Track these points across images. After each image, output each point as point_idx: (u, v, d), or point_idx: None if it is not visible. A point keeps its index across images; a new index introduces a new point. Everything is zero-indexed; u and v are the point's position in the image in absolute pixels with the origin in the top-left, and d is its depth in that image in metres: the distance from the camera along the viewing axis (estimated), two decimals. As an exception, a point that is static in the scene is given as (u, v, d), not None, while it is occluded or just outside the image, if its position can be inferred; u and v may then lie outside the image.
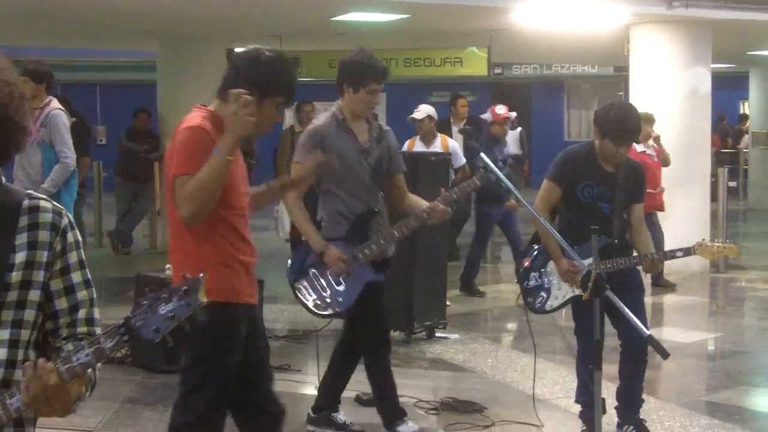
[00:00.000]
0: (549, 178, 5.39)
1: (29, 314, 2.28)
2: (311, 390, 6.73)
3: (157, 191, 13.86)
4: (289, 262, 5.29)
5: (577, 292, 5.15)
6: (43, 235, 2.29)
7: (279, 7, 11.12)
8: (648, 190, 10.39)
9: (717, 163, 15.02)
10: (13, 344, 2.26)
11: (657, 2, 11.28)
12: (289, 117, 25.05)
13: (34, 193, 2.37)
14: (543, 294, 5.47)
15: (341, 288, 5.05)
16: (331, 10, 11.57)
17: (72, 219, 2.39)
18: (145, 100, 15.85)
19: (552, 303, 5.48)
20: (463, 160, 9.61)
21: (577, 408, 5.65)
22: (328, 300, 5.10)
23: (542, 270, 5.46)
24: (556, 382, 6.82)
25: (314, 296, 5.11)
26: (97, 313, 2.38)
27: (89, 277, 2.38)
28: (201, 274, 2.02)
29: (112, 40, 16.48)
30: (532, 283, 5.49)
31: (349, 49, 5.17)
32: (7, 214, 2.28)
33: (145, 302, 2.03)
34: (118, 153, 13.73)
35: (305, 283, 5.13)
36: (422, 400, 6.27)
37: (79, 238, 2.38)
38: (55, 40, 15.87)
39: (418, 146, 10.09)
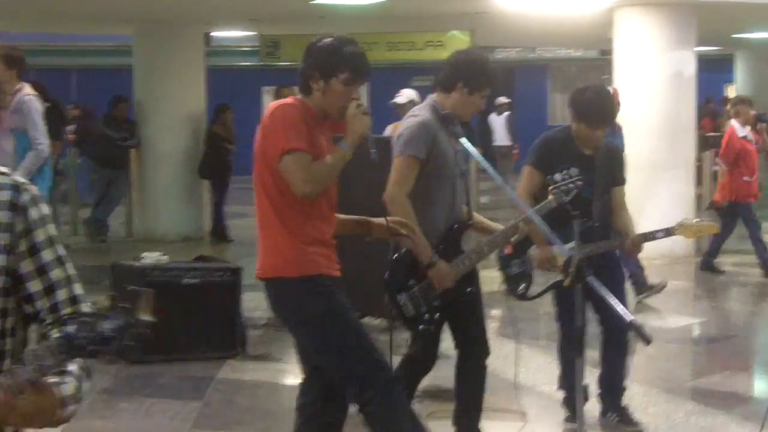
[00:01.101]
0: (529, 164, 5.41)
1: None
2: (291, 379, 6.72)
3: (133, 178, 13.82)
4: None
5: (559, 277, 5.15)
6: (1, 216, 2.13)
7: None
8: (744, 178, 10.54)
9: (703, 147, 15.08)
10: None
11: (641, -16, 11.29)
12: (269, 100, 25.04)
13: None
14: (526, 280, 5.47)
15: (437, 303, 4.72)
16: (311, -7, 11.54)
17: (37, 193, 2.22)
18: (121, 85, 15.77)
19: (535, 289, 5.48)
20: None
21: (560, 395, 5.67)
22: (426, 316, 4.71)
23: (524, 256, 5.45)
24: (540, 368, 6.83)
25: (414, 312, 4.69)
26: (79, 289, 2.24)
27: (62, 252, 2.23)
28: (146, 289, 1.95)
29: (88, 25, 16.38)
30: (514, 269, 5.47)
31: (328, 33, 4.86)
32: None
33: (88, 320, 1.93)
34: (94, 139, 13.66)
35: (406, 298, 4.69)
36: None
37: (46, 212, 2.23)
38: (30, 25, 15.76)
39: (400, 131, 10.06)
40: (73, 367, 2.07)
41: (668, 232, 5.39)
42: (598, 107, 5.29)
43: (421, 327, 4.69)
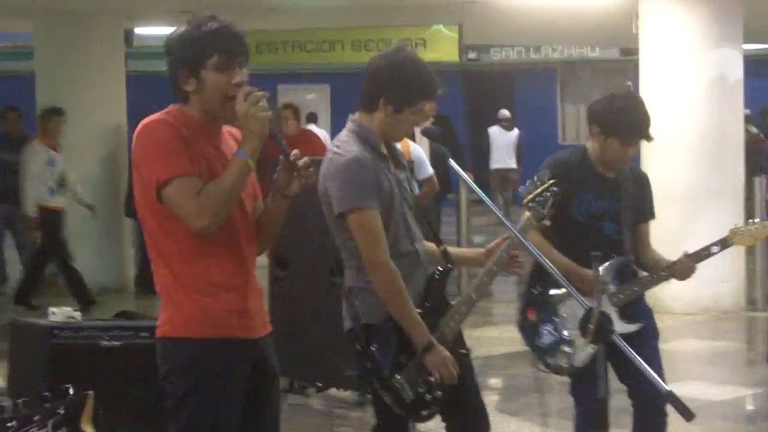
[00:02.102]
0: None
1: None
2: None
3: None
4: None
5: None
6: None
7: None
8: None
9: (754, 170, 15.20)
10: None
11: (673, -33, 11.39)
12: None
13: None
14: (566, 348, 5.38)
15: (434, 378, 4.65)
16: (259, -21, 11.59)
17: None
18: (19, 93, 15.74)
19: (581, 354, 5.33)
20: (430, 170, 9.59)
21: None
22: (427, 397, 4.67)
23: (555, 318, 5.40)
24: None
25: (413, 395, 4.63)
26: None
27: None
28: (87, 392, 1.91)
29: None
30: (546, 339, 5.43)
31: (280, 29, 4.86)
32: None
33: (12, 424, 1.92)
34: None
35: (402, 380, 4.64)
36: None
37: None
38: None
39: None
40: None
41: (724, 244, 5.48)
42: (633, 118, 5.35)
43: (424, 412, 4.67)
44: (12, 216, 13.32)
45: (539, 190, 4.83)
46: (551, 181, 4.83)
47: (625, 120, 5.32)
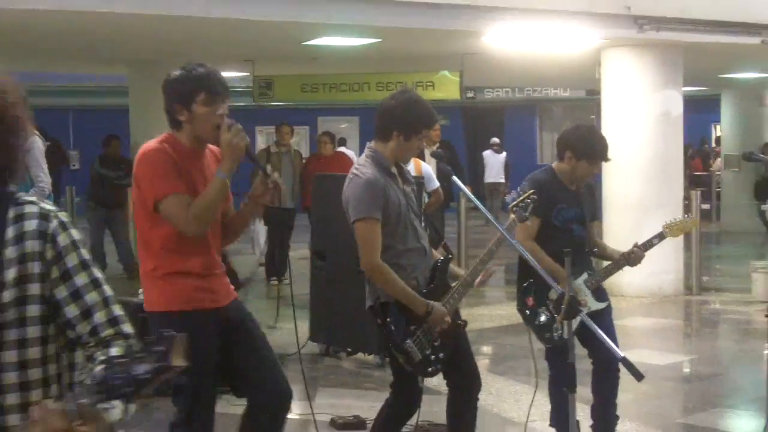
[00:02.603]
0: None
1: (33, 331, 2.20)
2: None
3: (130, 217, 13.79)
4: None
5: (586, 309, 5.13)
6: (31, 246, 2.19)
7: (252, 32, 11.14)
8: None
9: (690, 185, 15.19)
10: (22, 365, 2.19)
11: (628, 25, 11.38)
12: (261, 140, 25.10)
13: (22, 197, 2.27)
14: (556, 325, 5.35)
15: (437, 343, 4.72)
16: (303, 35, 11.60)
17: (65, 219, 2.27)
18: (118, 124, 15.80)
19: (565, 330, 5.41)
20: (437, 184, 9.62)
21: (552, 431, 5.65)
22: (432, 357, 4.72)
23: (547, 302, 5.44)
24: (530, 404, 6.81)
25: (421, 356, 4.65)
26: (118, 310, 2.30)
27: (98, 275, 2.28)
28: (177, 334, 1.96)
29: (83, 64, 16.43)
30: (543, 318, 5.42)
31: (321, 74, 4.93)
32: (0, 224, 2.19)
33: (121, 361, 1.99)
34: (90, 179, 13.65)
35: (411, 344, 4.64)
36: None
37: (76, 237, 2.27)
38: (27, 64, 15.81)
39: (392, 170, 10.12)
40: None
41: (661, 237, 5.63)
42: (599, 144, 5.45)
43: (430, 369, 4.69)
44: (110, 218, 13.45)
45: (522, 197, 4.90)
46: (530, 191, 4.91)
47: (593, 146, 5.40)
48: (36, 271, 2.19)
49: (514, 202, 4.90)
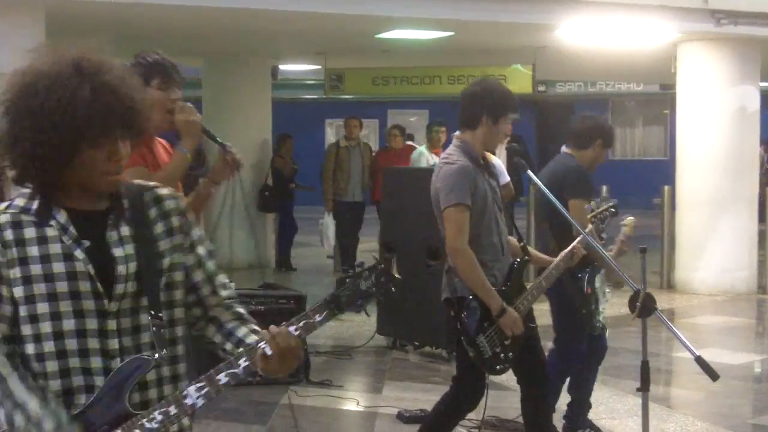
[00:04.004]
0: (580, 198, 5.40)
1: (178, 294, 2.48)
2: (352, 405, 6.73)
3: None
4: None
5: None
6: (175, 221, 2.49)
7: (324, 25, 11.18)
8: None
9: (766, 182, 14.88)
10: (170, 323, 2.45)
11: (705, 19, 11.19)
12: (331, 132, 25.20)
13: (146, 183, 2.55)
14: (600, 311, 5.58)
15: (508, 342, 4.69)
16: (376, 28, 11.61)
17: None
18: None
19: (603, 316, 5.64)
20: (507, 178, 9.54)
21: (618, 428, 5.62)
22: (502, 355, 4.72)
23: (596, 289, 5.48)
24: (600, 402, 6.75)
25: (491, 353, 4.66)
26: (225, 278, 2.58)
27: (210, 247, 2.58)
28: (392, 256, 2.21)
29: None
30: (593, 306, 5.52)
31: (391, 67, 4.91)
32: (139, 207, 2.46)
33: (347, 279, 2.36)
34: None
35: (483, 340, 4.65)
36: (464, 418, 6.24)
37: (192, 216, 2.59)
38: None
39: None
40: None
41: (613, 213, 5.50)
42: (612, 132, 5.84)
43: (498, 367, 4.68)
44: None
45: (601, 209, 4.92)
46: (610, 204, 4.93)
47: (613, 135, 5.83)
48: (180, 242, 2.49)
49: (593, 213, 4.89)
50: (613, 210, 4.93)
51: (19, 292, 2.35)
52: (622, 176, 20.69)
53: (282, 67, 17.15)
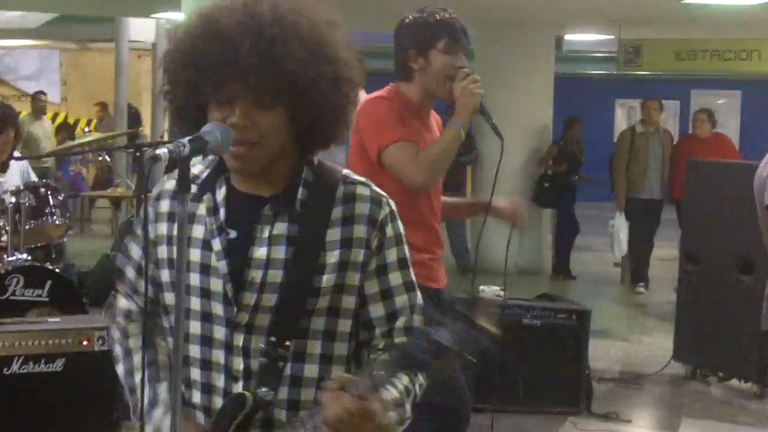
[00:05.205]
0: None
1: (343, 324, 2.29)
2: (642, 445, 6.61)
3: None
4: None
5: None
6: (359, 231, 2.27)
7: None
8: None
9: None
10: (325, 359, 2.28)
11: None
12: (621, 115, 24.79)
13: (351, 175, 2.35)
14: None
15: None
16: (684, -10, 11.33)
17: (394, 207, 2.35)
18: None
19: None
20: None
21: None
22: None
23: None
24: None
25: None
26: (417, 321, 2.35)
27: (412, 278, 2.36)
28: (482, 297, 2.07)
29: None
30: None
31: (699, 39, 4.64)
32: (321, 203, 2.27)
33: (421, 330, 2.12)
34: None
35: None
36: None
37: (401, 230, 2.36)
38: (361, 24, 16.50)
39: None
40: (400, 381, 2.24)
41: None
42: None
43: None
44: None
45: None
46: None
47: None
48: (360, 260, 2.27)
49: None
50: None
51: (161, 275, 2.34)
52: None
53: (567, 37, 17.04)
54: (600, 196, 14.79)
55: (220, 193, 2.28)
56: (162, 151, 1.98)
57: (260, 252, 2.23)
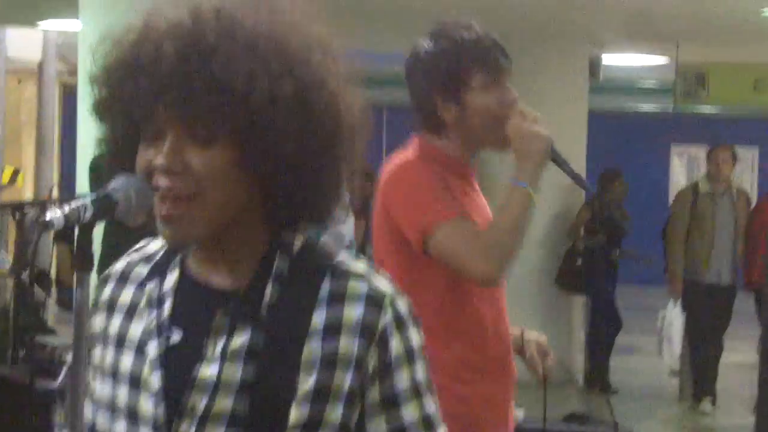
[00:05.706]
0: None
1: None
2: None
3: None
4: None
5: None
6: (347, 345, 2.16)
7: (686, 4, 11.03)
8: None
9: None
10: None
11: None
12: (679, 167, 24.83)
13: (346, 263, 2.22)
14: None
15: None
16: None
17: (405, 310, 2.22)
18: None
19: None
20: None
21: None
22: None
23: None
24: None
25: None
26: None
27: (430, 410, 2.23)
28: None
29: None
30: None
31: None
32: (298, 305, 2.18)
33: None
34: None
35: None
36: None
37: (416, 342, 2.23)
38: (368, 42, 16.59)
39: None
40: None
41: None
42: None
43: None
44: None
45: None
46: None
47: None
48: (345, 388, 2.16)
49: None
50: None
51: (94, 389, 2.31)
52: None
53: (606, 59, 17.12)
54: (650, 279, 14.79)
55: (170, 280, 2.24)
56: (55, 215, 1.95)
57: (209, 371, 2.16)
